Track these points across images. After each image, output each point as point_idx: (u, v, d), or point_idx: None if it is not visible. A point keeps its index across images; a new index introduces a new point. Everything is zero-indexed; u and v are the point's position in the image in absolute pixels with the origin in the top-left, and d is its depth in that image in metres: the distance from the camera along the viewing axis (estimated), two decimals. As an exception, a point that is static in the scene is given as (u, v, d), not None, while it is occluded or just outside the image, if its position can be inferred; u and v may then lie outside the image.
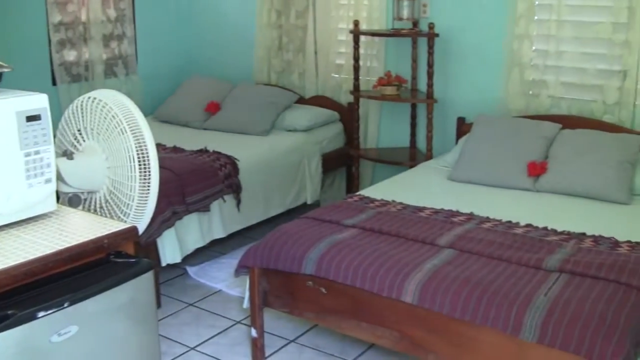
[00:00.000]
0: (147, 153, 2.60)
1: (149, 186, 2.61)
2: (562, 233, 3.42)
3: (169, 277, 4.58)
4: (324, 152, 5.51)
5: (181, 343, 3.81)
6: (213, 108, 5.64)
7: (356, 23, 5.15)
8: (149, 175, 2.61)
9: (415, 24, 5.09)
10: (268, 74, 6.11)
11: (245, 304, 3.59)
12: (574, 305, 2.69)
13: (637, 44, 4.37)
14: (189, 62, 6.60)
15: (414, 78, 5.30)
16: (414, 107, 5.33)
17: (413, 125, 5.40)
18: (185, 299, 4.32)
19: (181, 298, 4.32)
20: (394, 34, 5.06)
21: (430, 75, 4.90)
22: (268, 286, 3.46)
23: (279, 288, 3.42)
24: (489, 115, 4.70)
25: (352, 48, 5.21)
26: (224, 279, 4.54)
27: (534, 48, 4.77)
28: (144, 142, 2.60)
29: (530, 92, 4.83)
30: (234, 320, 4.06)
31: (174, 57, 6.54)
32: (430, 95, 4.93)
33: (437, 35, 4.87)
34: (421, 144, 5.36)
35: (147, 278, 2.24)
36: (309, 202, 5.36)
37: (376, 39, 5.41)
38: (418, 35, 5.03)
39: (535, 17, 4.73)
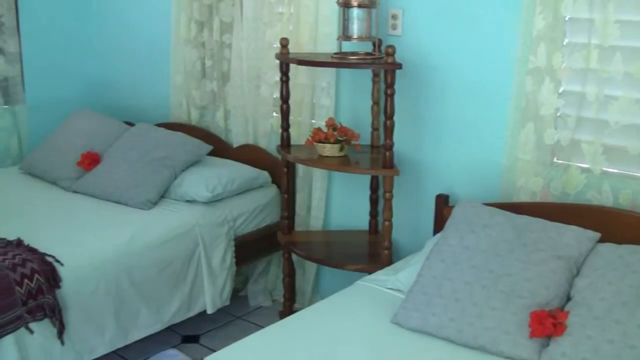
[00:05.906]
0: None
1: None
2: None
3: None
4: (241, 234, 3.66)
5: None
6: (88, 162, 3.80)
7: (284, 43, 3.31)
8: None
9: (377, 45, 3.24)
10: (188, 111, 4.29)
11: None
12: None
13: None
14: (92, 88, 4.82)
15: (376, 129, 3.44)
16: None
17: (374, 200, 3.53)
18: None
19: None
20: (327, 62, 3.18)
21: (388, 130, 3.03)
22: None
23: None
24: (475, 205, 2.75)
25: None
26: None
27: (561, 90, 2.88)
28: None
29: (554, 161, 2.95)
30: None
31: (74, 80, 4.77)
32: (388, 162, 3.07)
33: (399, 66, 2.99)
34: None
35: None
36: (210, 311, 3.51)
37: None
38: (369, 64, 3.17)
39: (565, 40, 2.85)
